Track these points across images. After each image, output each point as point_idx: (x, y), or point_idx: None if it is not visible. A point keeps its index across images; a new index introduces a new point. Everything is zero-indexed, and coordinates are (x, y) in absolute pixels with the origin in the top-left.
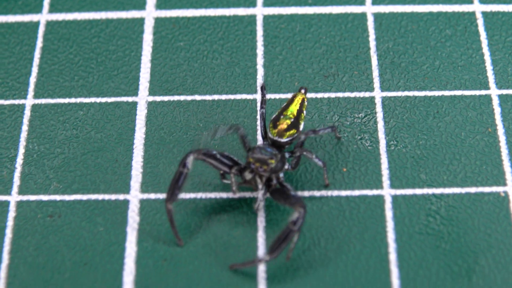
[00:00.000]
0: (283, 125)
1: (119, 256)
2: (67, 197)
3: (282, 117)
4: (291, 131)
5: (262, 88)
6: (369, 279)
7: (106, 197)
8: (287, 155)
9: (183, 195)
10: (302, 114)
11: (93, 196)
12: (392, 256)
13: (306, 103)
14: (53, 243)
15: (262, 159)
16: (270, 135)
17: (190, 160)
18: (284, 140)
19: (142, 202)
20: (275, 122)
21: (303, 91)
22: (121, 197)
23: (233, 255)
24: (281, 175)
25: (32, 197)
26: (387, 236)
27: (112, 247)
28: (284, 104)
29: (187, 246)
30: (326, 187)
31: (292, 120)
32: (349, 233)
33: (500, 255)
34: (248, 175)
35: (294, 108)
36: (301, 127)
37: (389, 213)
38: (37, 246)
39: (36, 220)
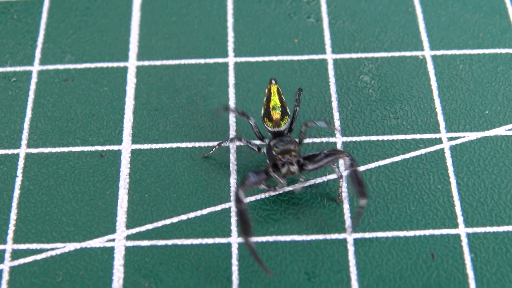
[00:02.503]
0: (276, 115)
1: (121, 106)
2: (78, 66)
3: (271, 110)
4: (285, 118)
5: (234, 110)
6: (316, 119)
7: (110, 64)
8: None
9: None
10: (284, 101)
11: (100, 64)
12: (334, 104)
13: (281, 90)
14: (68, 101)
15: (288, 149)
16: (269, 129)
17: (242, 195)
18: (283, 128)
19: (138, 67)
20: (268, 116)
21: (273, 81)
22: (121, 64)
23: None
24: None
25: (51, 67)
26: (330, 89)
27: (115, 102)
28: (264, 99)
29: (173, 99)
30: (336, 133)
31: (281, 108)
32: (299, 86)
33: (420, 102)
34: (284, 170)
35: (276, 99)
36: (289, 111)
37: (331, 72)
38: (54, 103)
39: (54, 84)
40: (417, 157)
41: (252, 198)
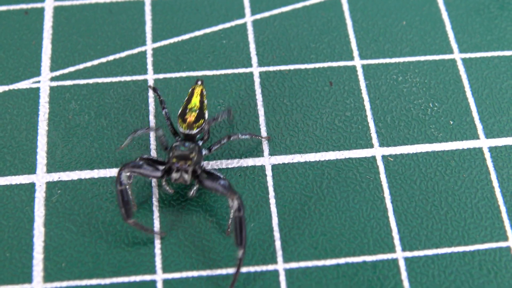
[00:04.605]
0: (191, 117)
1: None
2: None
3: (187, 110)
4: (199, 122)
5: (155, 90)
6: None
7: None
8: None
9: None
10: (204, 104)
11: None
12: None
13: (205, 93)
14: None
15: (184, 156)
16: (181, 129)
17: (123, 176)
18: (194, 132)
19: None
20: (183, 117)
21: (199, 82)
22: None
23: None
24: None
25: None
26: None
27: None
28: (186, 98)
29: None
30: (264, 141)
31: (198, 111)
32: None
33: None
34: (175, 175)
35: (196, 100)
36: (206, 115)
37: None
38: None
39: None
40: (316, 4)
41: None
